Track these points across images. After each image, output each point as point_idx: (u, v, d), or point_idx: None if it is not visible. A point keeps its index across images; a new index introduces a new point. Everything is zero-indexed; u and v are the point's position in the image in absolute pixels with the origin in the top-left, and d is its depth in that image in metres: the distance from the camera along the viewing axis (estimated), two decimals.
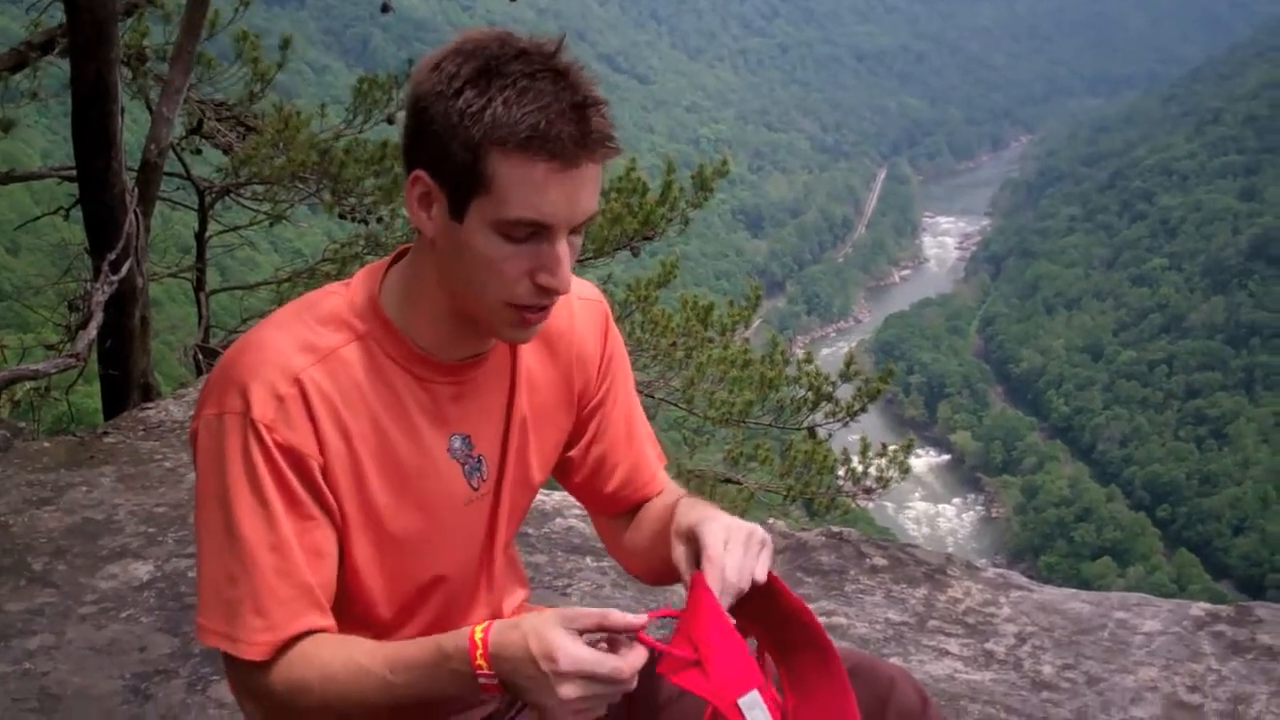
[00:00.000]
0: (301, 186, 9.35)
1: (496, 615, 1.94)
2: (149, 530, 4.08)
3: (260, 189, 9.55)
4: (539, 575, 3.74)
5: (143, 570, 3.77)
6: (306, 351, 1.65)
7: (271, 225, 10.14)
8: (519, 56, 1.53)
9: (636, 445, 1.99)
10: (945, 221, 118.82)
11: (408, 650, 1.56)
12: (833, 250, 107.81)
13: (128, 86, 8.66)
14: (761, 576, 1.64)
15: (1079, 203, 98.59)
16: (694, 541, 1.67)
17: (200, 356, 8.77)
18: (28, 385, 7.95)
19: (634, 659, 1.50)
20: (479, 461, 1.79)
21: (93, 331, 6.36)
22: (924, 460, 69.68)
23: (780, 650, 1.71)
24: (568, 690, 1.45)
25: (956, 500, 70.97)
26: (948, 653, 3.28)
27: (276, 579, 1.59)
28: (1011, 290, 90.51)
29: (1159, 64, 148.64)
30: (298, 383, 1.63)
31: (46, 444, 5.27)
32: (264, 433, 1.60)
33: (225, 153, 9.40)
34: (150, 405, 5.94)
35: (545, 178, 1.53)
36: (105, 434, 5.34)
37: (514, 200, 1.54)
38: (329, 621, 1.64)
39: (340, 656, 1.60)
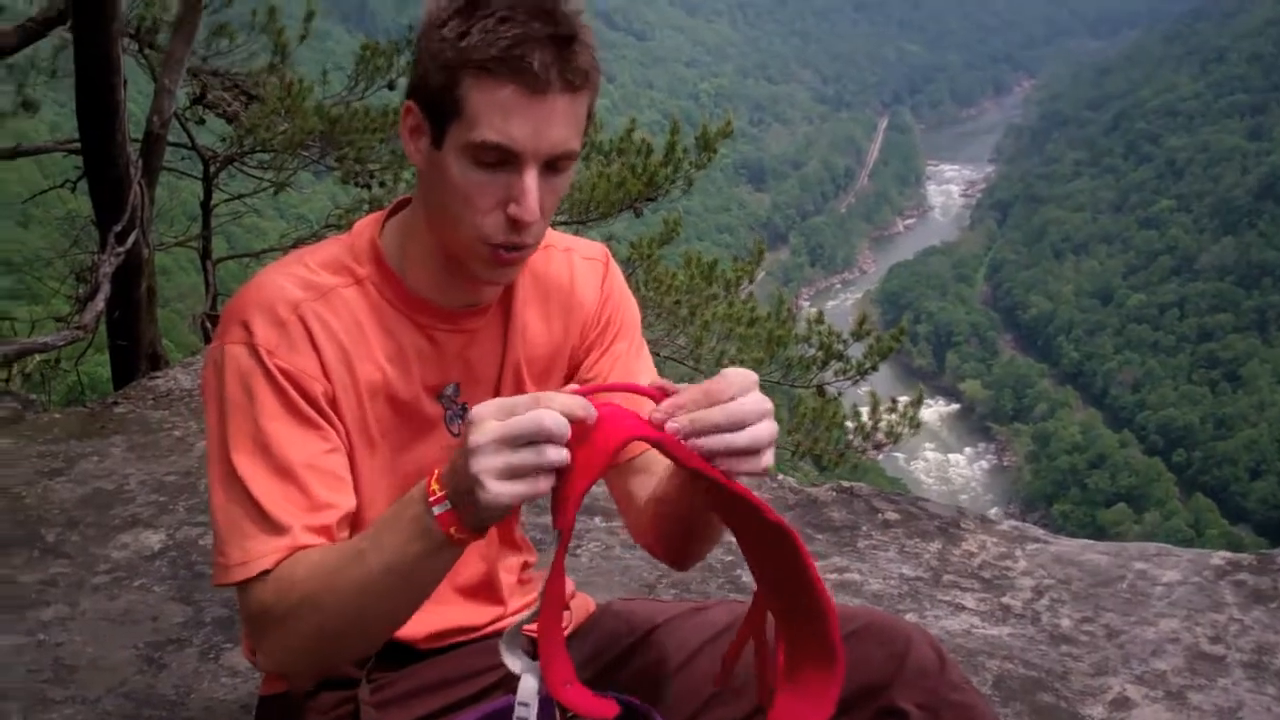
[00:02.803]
0: (305, 154, 9.32)
1: (493, 574, 1.92)
2: (160, 499, 4.08)
3: (265, 157, 9.52)
4: (547, 536, 3.73)
5: (154, 539, 3.77)
6: (307, 288, 1.67)
7: (276, 193, 10.11)
8: None
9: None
10: (949, 169, 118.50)
11: (382, 517, 1.50)
12: (835, 201, 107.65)
13: (136, 59, 8.64)
14: (754, 440, 1.42)
15: (1084, 146, 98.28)
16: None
17: (208, 325, 8.77)
18: (38, 358, 7.96)
19: (561, 404, 1.34)
20: (462, 409, 1.79)
21: (100, 303, 6.35)
22: (934, 410, 69.75)
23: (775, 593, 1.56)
24: (482, 461, 1.32)
25: (968, 450, 71.05)
26: (964, 608, 3.26)
27: (283, 500, 1.57)
28: (1018, 237, 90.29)
29: (1161, 2, 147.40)
30: (298, 313, 1.64)
31: (58, 415, 5.27)
32: (265, 357, 1.61)
33: (229, 121, 9.36)
34: (159, 374, 5.93)
35: (512, 101, 1.53)
36: (115, 404, 5.33)
37: (482, 123, 1.54)
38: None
39: (327, 548, 1.57)
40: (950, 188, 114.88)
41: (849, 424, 10.00)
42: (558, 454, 1.33)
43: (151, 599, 3.40)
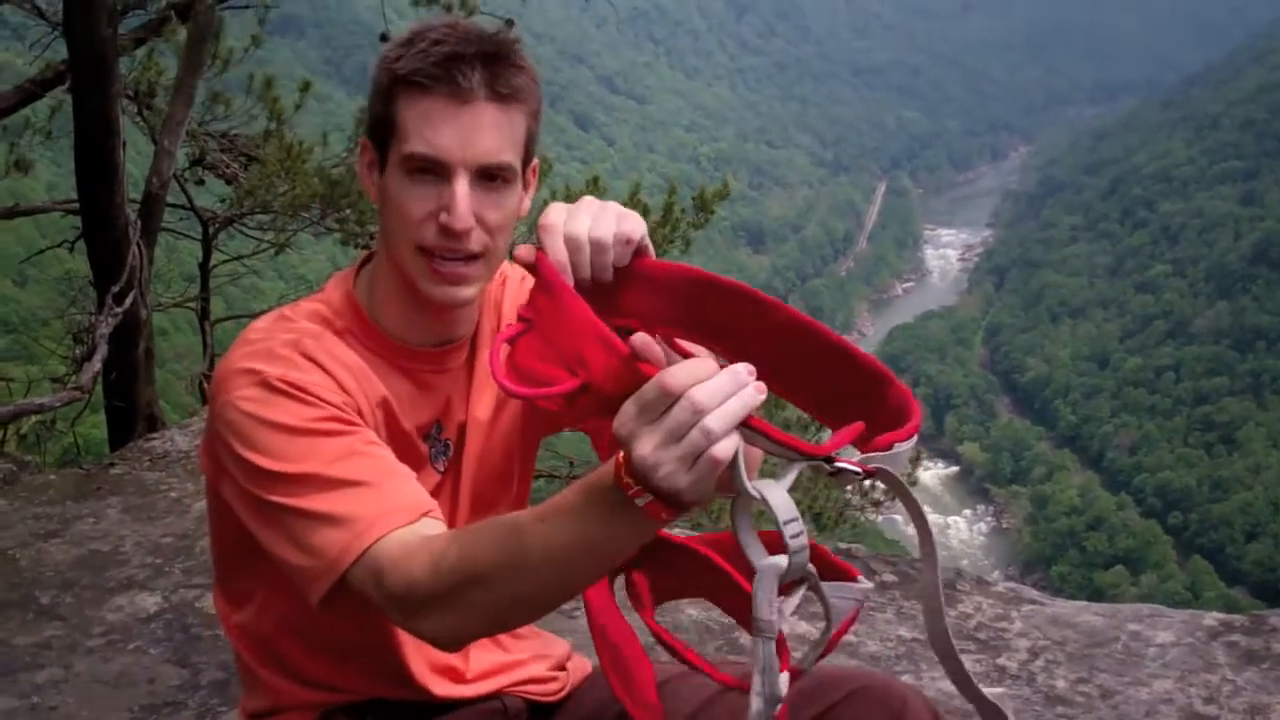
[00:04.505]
0: (306, 215, 9.37)
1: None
2: (155, 561, 4.07)
3: (265, 218, 9.57)
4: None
5: (150, 602, 3.76)
6: (299, 333, 1.68)
7: (276, 254, 10.15)
8: (448, 25, 1.61)
9: None
10: (947, 234, 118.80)
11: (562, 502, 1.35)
12: (835, 264, 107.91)
13: (135, 121, 8.70)
14: (633, 232, 1.46)
15: (1080, 211, 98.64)
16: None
17: (205, 386, 8.77)
18: (34, 419, 7.95)
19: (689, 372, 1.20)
20: (445, 446, 1.81)
21: (97, 364, 6.36)
22: (932, 472, 69.53)
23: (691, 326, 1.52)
24: (661, 471, 1.19)
25: (967, 512, 70.74)
26: None
27: (363, 467, 1.56)
28: (1016, 300, 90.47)
29: (1156, 70, 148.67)
30: (300, 349, 1.64)
31: (53, 476, 5.27)
32: (278, 383, 1.59)
33: (229, 183, 9.42)
34: (155, 436, 5.94)
35: (437, 111, 1.57)
36: (111, 465, 5.33)
37: (411, 135, 1.59)
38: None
39: (474, 531, 1.44)
40: (948, 252, 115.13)
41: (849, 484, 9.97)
42: (719, 421, 1.18)
43: (147, 661, 3.39)
